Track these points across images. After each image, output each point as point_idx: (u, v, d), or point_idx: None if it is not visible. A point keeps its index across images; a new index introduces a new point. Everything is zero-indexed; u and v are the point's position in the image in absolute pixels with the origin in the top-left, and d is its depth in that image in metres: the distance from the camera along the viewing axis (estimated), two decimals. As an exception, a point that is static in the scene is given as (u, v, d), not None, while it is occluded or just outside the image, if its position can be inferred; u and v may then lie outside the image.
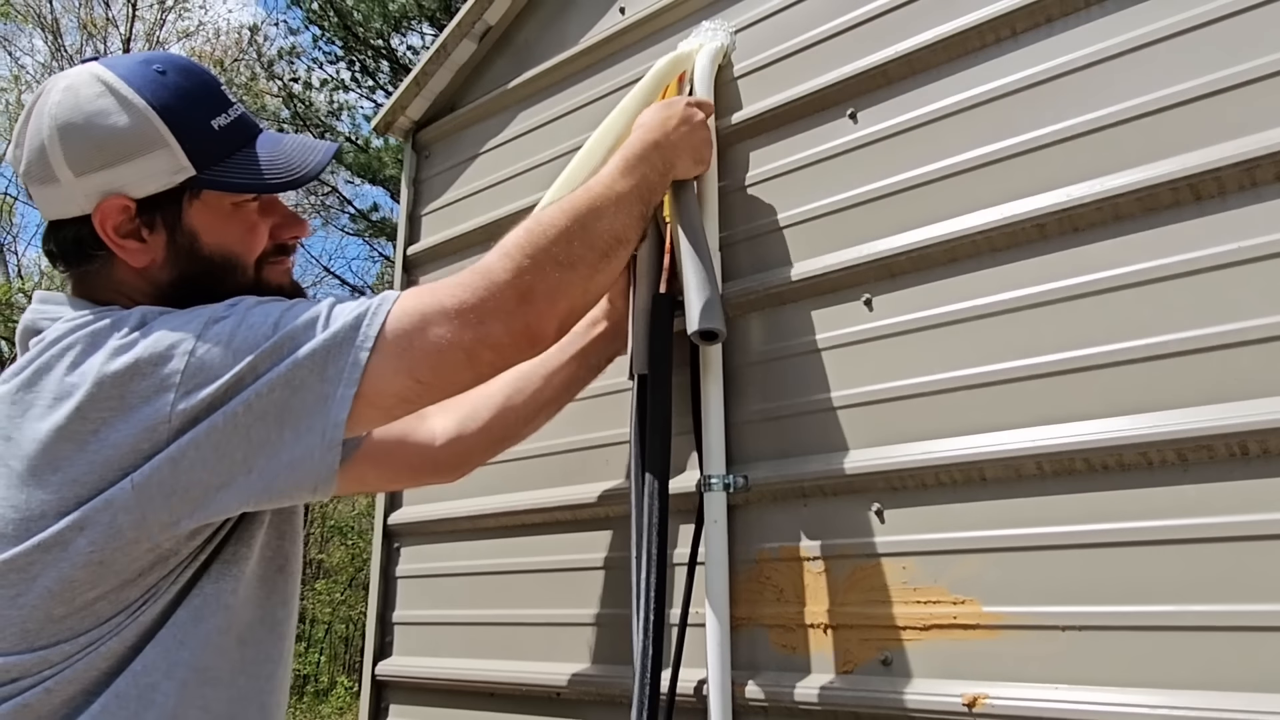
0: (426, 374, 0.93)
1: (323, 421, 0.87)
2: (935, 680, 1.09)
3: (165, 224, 0.97)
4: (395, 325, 0.92)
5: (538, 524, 1.59)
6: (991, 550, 1.09)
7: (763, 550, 1.29)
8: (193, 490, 0.85)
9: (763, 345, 1.35)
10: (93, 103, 0.93)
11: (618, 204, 1.09)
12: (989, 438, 1.10)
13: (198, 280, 0.99)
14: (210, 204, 0.99)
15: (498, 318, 0.95)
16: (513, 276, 0.97)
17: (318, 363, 0.88)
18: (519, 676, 1.54)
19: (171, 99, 0.95)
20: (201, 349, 0.86)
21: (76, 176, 0.93)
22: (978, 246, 1.17)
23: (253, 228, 1.02)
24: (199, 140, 0.96)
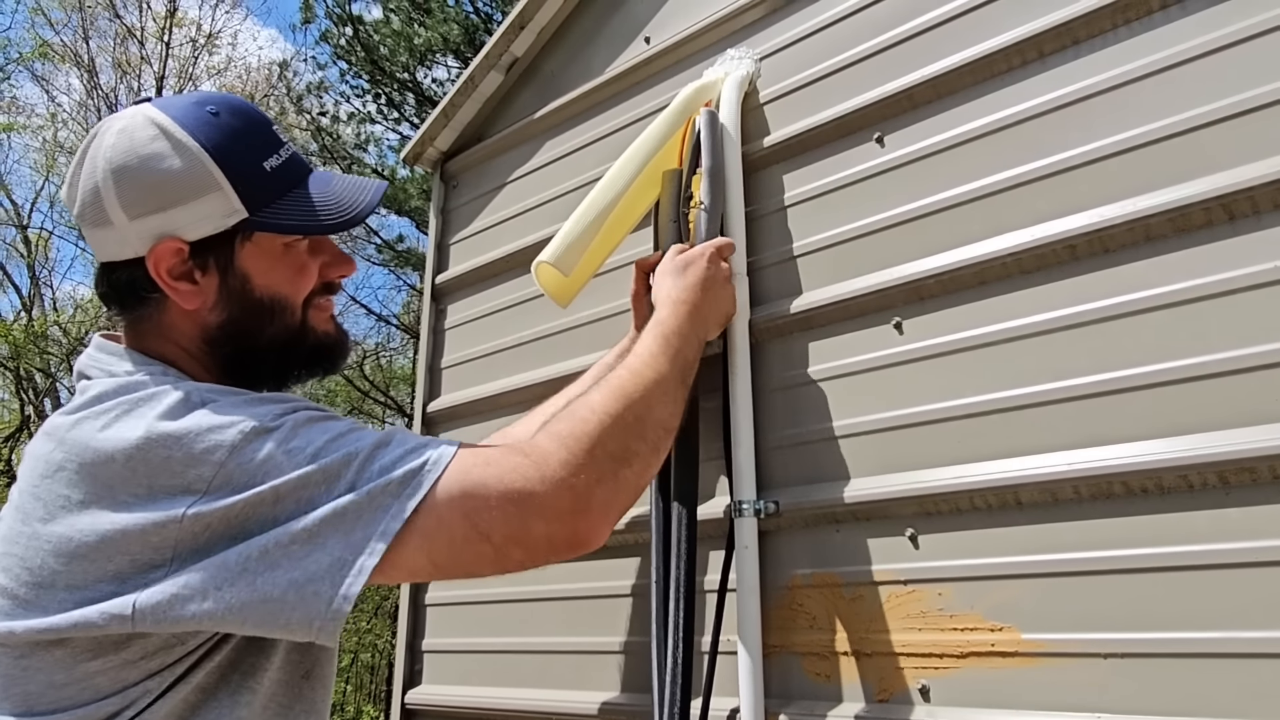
0: (443, 557, 0.87)
1: (331, 590, 0.82)
2: (975, 709, 1.07)
3: (218, 266, 0.97)
4: (434, 500, 0.86)
5: (567, 551, 1.59)
6: (1029, 576, 1.07)
7: (795, 576, 1.28)
8: (182, 620, 0.82)
9: (792, 370, 1.35)
10: (147, 146, 0.93)
11: (666, 391, 1.03)
12: (1024, 461, 1.09)
13: (245, 324, 0.98)
14: (262, 245, 0.98)
15: (546, 517, 0.88)
16: (569, 474, 0.89)
17: (346, 522, 0.84)
18: (548, 705, 1.53)
19: (224, 141, 0.95)
20: (233, 463, 0.84)
21: (130, 220, 0.93)
22: (1008, 269, 1.16)
23: (303, 268, 1.01)
24: (251, 182, 0.95)
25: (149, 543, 0.82)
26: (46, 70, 14.84)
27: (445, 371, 1.96)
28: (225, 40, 19.42)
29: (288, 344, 1.00)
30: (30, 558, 0.85)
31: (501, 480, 0.88)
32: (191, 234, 0.94)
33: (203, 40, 15.50)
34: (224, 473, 0.83)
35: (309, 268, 1.02)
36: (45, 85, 15.34)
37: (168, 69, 15.10)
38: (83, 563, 0.82)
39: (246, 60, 26.44)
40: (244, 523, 0.83)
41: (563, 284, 1.43)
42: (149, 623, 0.81)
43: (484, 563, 0.89)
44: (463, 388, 1.89)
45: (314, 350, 1.04)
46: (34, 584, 0.84)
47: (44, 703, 0.84)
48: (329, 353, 1.05)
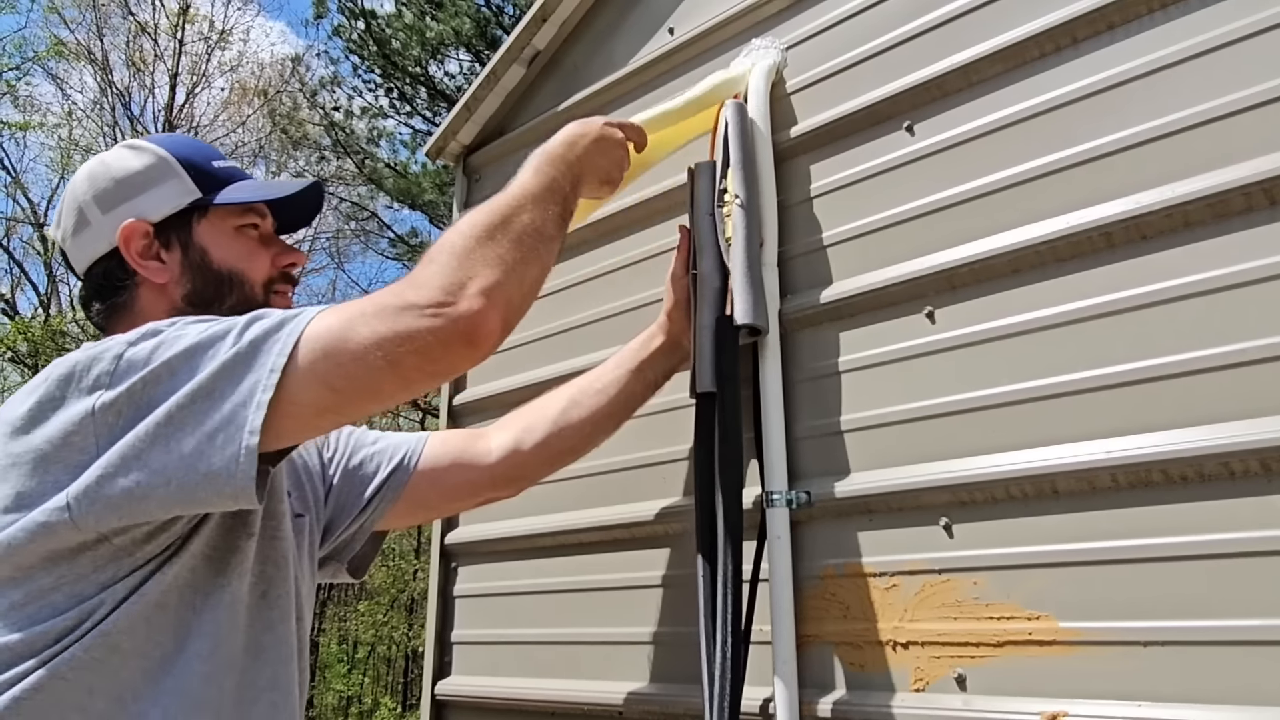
0: (340, 380, 0.90)
1: (238, 431, 0.86)
2: (1012, 698, 1.07)
3: (179, 242, 1.10)
4: (313, 331, 0.91)
5: (595, 542, 1.60)
6: (1066, 565, 1.07)
7: (827, 567, 1.28)
8: (114, 499, 0.86)
9: (823, 360, 1.35)
10: (114, 155, 1.14)
11: (533, 201, 1.08)
12: (1060, 450, 1.09)
13: (207, 294, 1.09)
14: (215, 224, 1.11)
15: (425, 313, 0.90)
16: (440, 270, 0.94)
17: (236, 370, 0.88)
18: (579, 696, 1.54)
19: (176, 145, 1.15)
20: (130, 352, 0.91)
21: (104, 213, 1.09)
22: (1042, 257, 1.16)
23: (255, 251, 1.13)
24: (202, 172, 1.12)
25: (73, 443, 0.88)
26: (61, 68, 14.93)
27: (470, 365, 1.96)
28: (238, 36, 19.47)
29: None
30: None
31: (374, 299, 0.94)
32: (155, 215, 1.09)
33: (215, 37, 15.54)
34: (122, 363, 0.90)
35: (260, 252, 1.14)
36: (60, 83, 15.43)
37: (181, 65, 15.17)
38: (24, 477, 0.88)
39: (259, 56, 26.51)
40: (148, 401, 0.89)
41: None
42: (84, 509, 0.86)
43: (381, 376, 0.90)
44: (488, 380, 1.89)
45: None
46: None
47: (7, 622, 0.88)
48: None
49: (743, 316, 1.30)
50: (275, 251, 1.15)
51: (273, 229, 1.18)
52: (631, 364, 1.42)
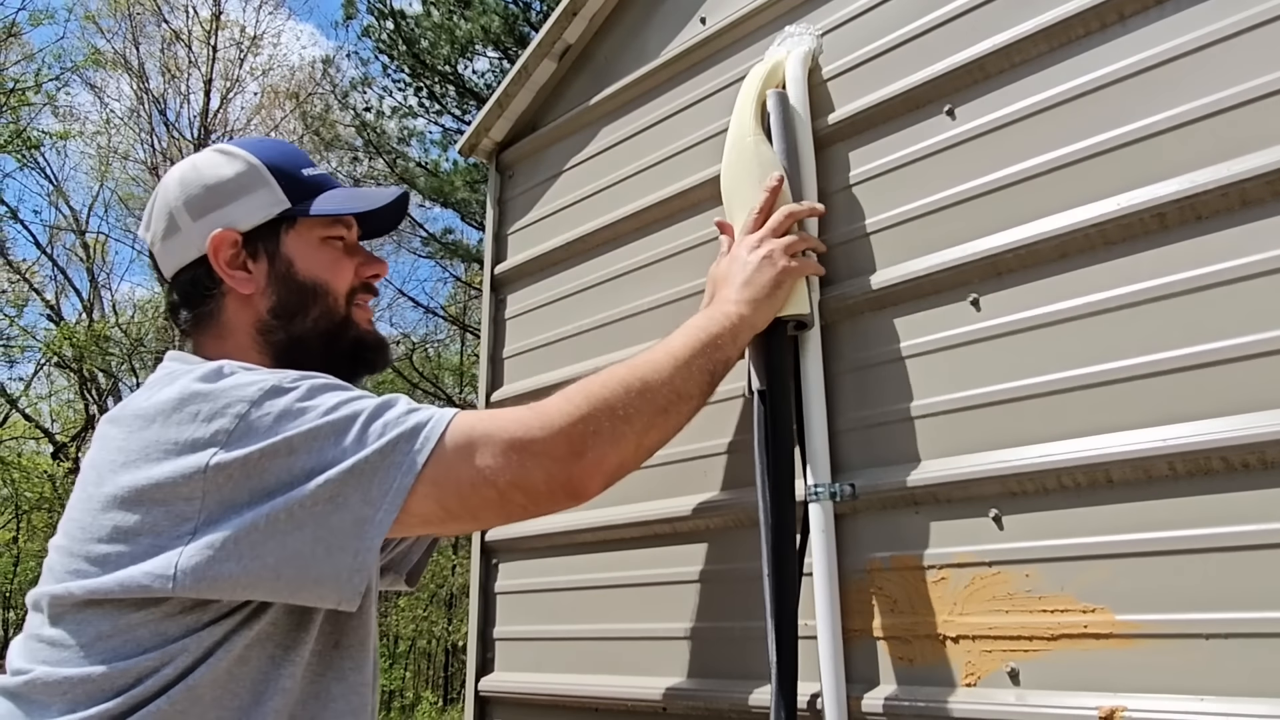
0: (454, 504, 0.93)
1: (356, 544, 0.88)
2: (1067, 693, 1.05)
3: (266, 253, 1.09)
4: (443, 450, 0.92)
5: (637, 538, 1.59)
6: (1122, 556, 1.04)
7: (873, 560, 1.26)
8: (220, 581, 0.86)
9: (865, 350, 1.33)
10: (206, 158, 1.13)
11: (679, 362, 1.08)
12: (1114, 438, 1.06)
13: (292, 305, 1.09)
14: (303, 235, 1.10)
15: (542, 462, 0.94)
16: (567, 422, 0.96)
17: (364, 480, 0.89)
18: (622, 692, 1.53)
19: (267, 152, 1.13)
20: (254, 415, 0.90)
21: (194, 220, 1.08)
22: (1091, 241, 1.13)
23: (339, 261, 1.12)
24: (292, 181, 1.11)
25: (179, 493, 0.88)
26: (98, 78, 15.20)
27: (507, 361, 1.97)
28: (269, 40, 19.71)
29: (331, 331, 1.10)
30: (84, 519, 0.92)
31: (504, 429, 0.95)
32: (244, 224, 1.08)
33: (247, 42, 15.74)
34: (243, 424, 0.89)
35: (344, 262, 1.13)
36: (98, 92, 15.71)
37: (214, 71, 15.38)
38: (123, 515, 0.88)
39: (289, 59, 26.82)
40: (262, 474, 0.88)
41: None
42: (189, 582, 0.86)
43: (490, 507, 0.94)
44: (525, 376, 1.89)
45: (357, 343, 1.14)
46: (85, 540, 0.91)
47: (93, 654, 0.89)
48: (371, 348, 1.15)
49: (790, 308, 1.28)
50: (359, 261, 1.15)
51: (357, 238, 1.19)
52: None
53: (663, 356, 1.07)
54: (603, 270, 1.78)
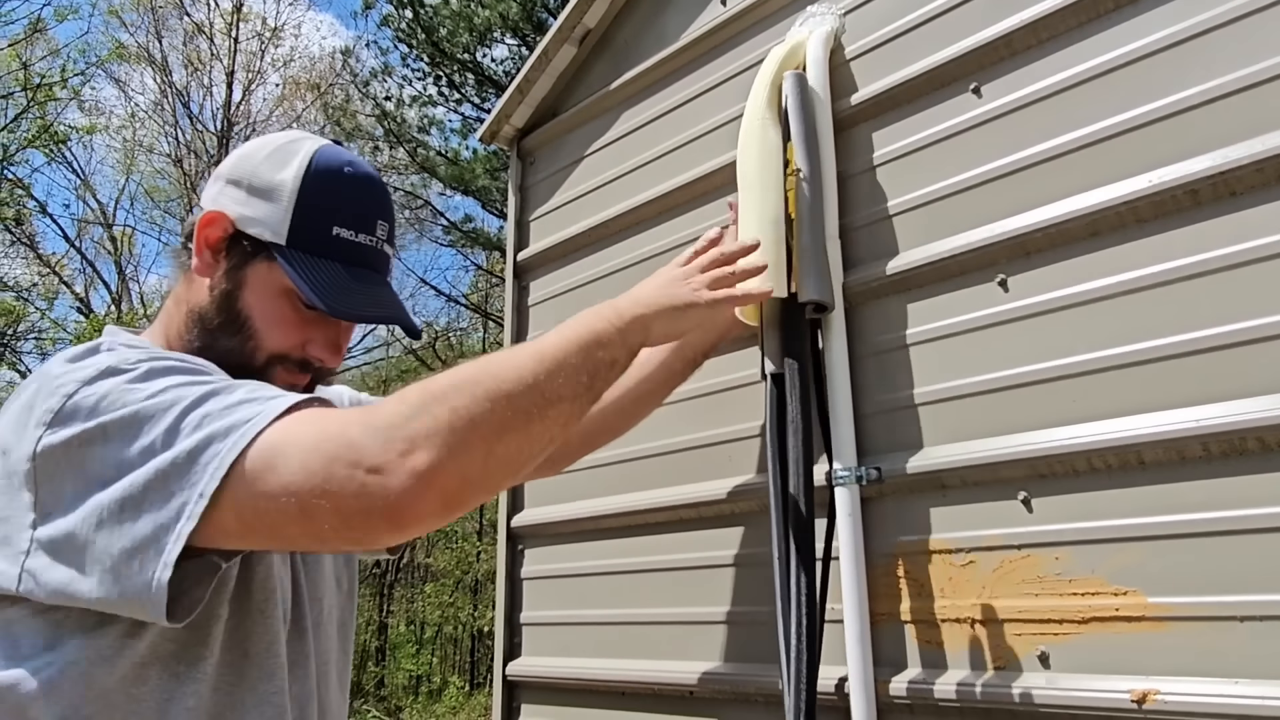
0: (250, 515, 0.78)
1: (156, 557, 0.78)
2: (1099, 676, 1.04)
3: (231, 263, 0.98)
4: (253, 451, 0.78)
5: (661, 523, 1.59)
6: (1154, 538, 1.03)
7: (900, 544, 1.25)
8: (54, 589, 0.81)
9: (890, 333, 1.31)
10: (278, 148, 1.01)
11: (546, 360, 0.91)
12: (1146, 419, 1.04)
13: (215, 321, 0.97)
14: (269, 276, 0.97)
15: (356, 473, 0.76)
16: (394, 424, 0.79)
17: (169, 483, 0.79)
18: (650, 676, 1.53)
19: (322, 186, 0.98)
20: (79, 395, 0.83)
21: (227, 181, 1.01)
22: (1122, 219, 1.11)
23: (284, 321, 0.97)
24: (308, 227, 0.97)
25: (18, 478, 0.83)
26: (122, 71, 15.34)
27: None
28: (290, 31, 19.80)
29: (231, 372, 0.93)
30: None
31: (323, 430, 0.79)
32: (243, 224, 0.98)
33: (268, 33, 15.81)
34: (69, 405, 0.83)
35: (291, 325, 0.97)
36: (122, 86, 15.85)
37: (236, 63, 15.46)
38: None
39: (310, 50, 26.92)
40: (82, 461, 0.81)
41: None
42: (32, 584, 0.81)
43: (291, 522, 0.78)
44: (549, 363, 1.89)
45: None
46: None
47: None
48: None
49: (809, 293, 1.28)
50: (310, 338, 0.99)
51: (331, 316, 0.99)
52: (656, 358, 1.37)
53: (527, 353, 0.90)
54: (625, 255, 1.78)
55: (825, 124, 1.37)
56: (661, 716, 1.52)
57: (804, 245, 1.29)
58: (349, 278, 0.97)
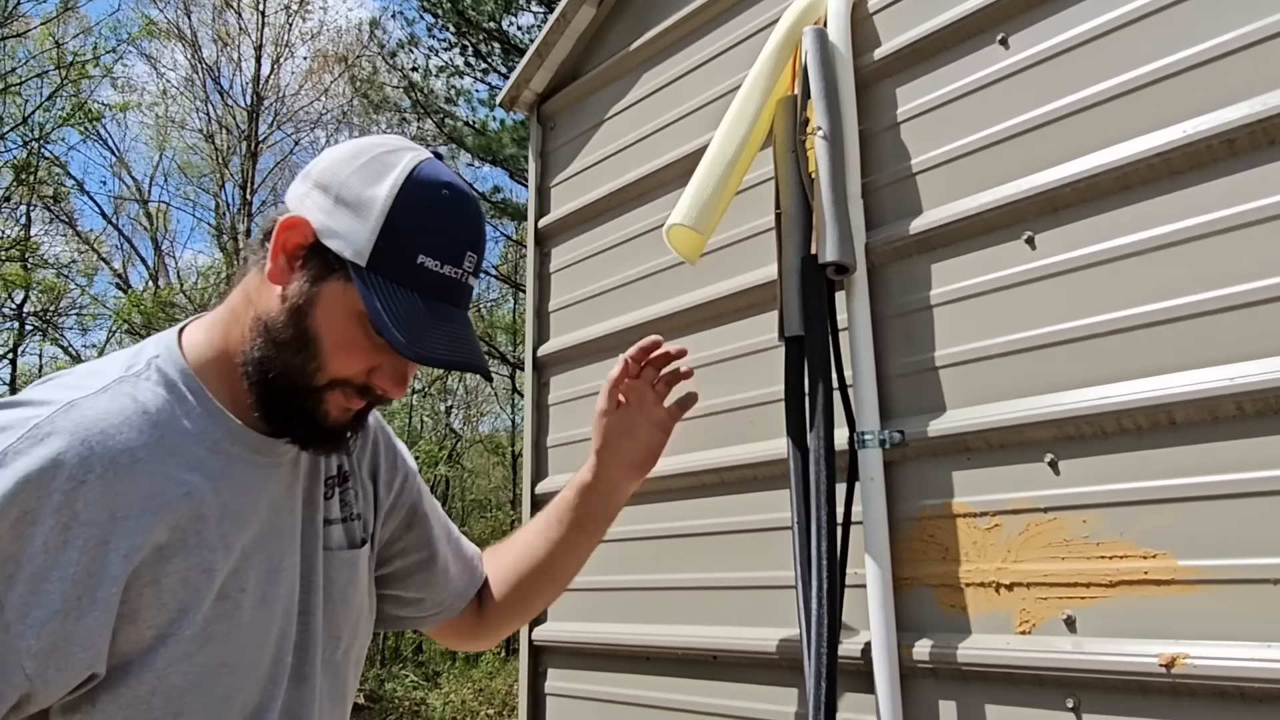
0: None
1: None
2: (1127, 640, 1.02)
3: (308, 273, 0.91)
4: None
5: (684, 489, 1.58)
6: (1185, 500, 1.00)
7: (924, 507, 1.24)
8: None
9: (914, 294, 1.29)
10: (384, 158, 0.92)
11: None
12: (1178, 378, 1.01)
13: (280, 336, 0.91)
14: (344, 299, 0.90)
15: None
16: None
17: None
18: (675, 640, 1.54)
19: (413, 209, 0.91)
20: None
21: (315, 185, 0.92)
22: (1154, 171, 1.07)
23: (354, 347, 0.92)
24: (392, 252, 0.90)
25: None
26: (153, 48, 15.44)
27: (553, 315, 1.96)
28: (317, 4, 19.80)
29: (290, 389, 0.92)
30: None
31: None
32: (324, 236, 0.90)
33: (295, 6, 15.81)
34: None
35: (361, 352, 0.92)
36: (153, 62, 15.97)
37: (264, 37, 15.50)
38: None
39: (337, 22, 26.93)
40: None
41: (695, 241, 1.40)
42: None
43: None
44: (571, 330, 1.89)
45: (305, 418, 0.94)
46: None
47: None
48: (311, 426, 0.94)
49: (829, 254, 1.26)
50: (377, 365, 0.93)
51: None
52: (568, 519, 1.24)
53: None
54: (647, 220, 1.76)
55: (847, 80, 1.33)
56: (685, 680, 1.52)
57: (824, 205, 1.27)
58: (426, 313, 0.89)
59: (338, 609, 1.01)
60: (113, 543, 0.78)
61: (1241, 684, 0.93)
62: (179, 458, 0.86)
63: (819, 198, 1.28)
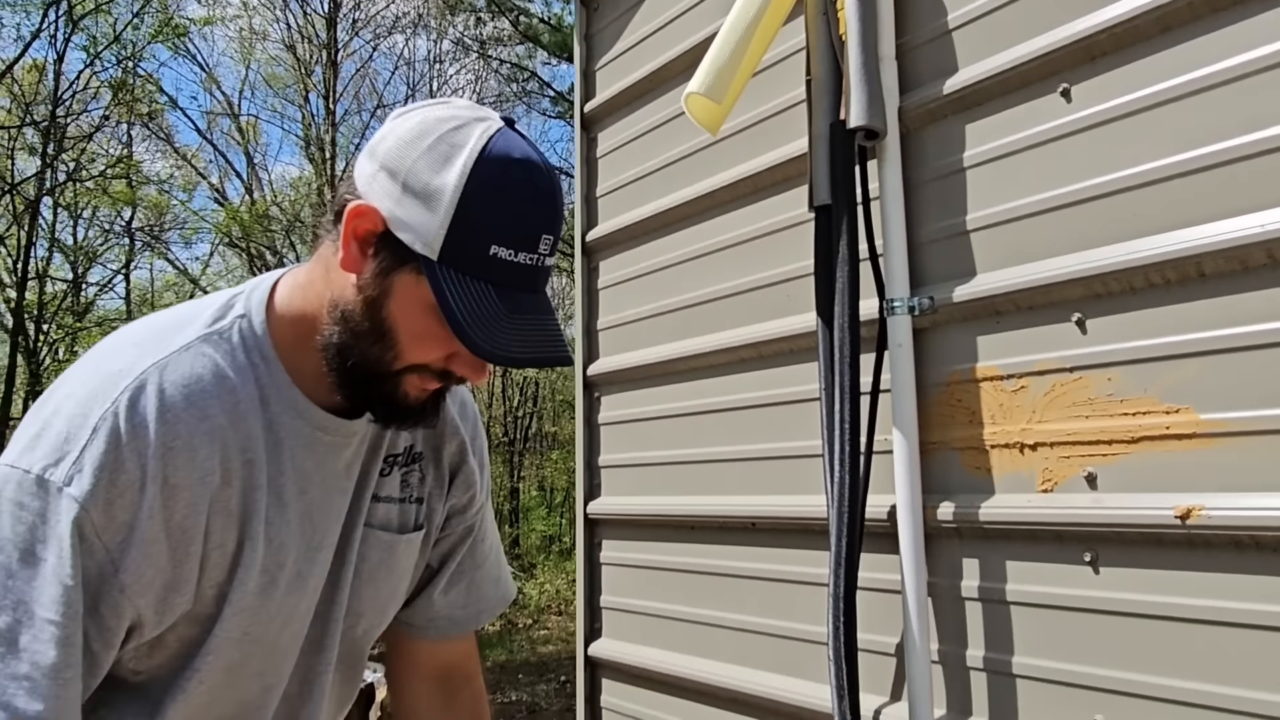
0: None
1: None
2: (1144, 494, 1.02)
3: (382, 265, 0.88)
4: None
5: (725, 364, 1.61)
6: (1211, 353, 0.98)
7: (953, 372, 1.23)
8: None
9: (948, 157, 1.25)
10: (450, 136, 0.87)
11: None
12: (1209, 228, 0.98)
13: (356, 325, 0.90)
14: (415, 290, 0.88)
15: None
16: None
17: None
18: (717, 509, 1.59)
19: (485, 199, 0.86)
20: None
21: (382, 168, 0.88)
22: (1195, 9, 1.00)
23: (431, 337, 0.89)
24: (465, 244, 0.86)
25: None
26: (233, -40, 15.53)
27: (600, 200, 1.98)
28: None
29: (369, 376, 0.91)
30: None
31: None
32: (394, 227, 0.87)
33: (367, -92, 15.60)
34: None
35: (436, 341, 0.90)
36: (234, -25, 16.10)
37: (341, -57, 15.39)
38: None
39: (411, -76, 26.48)
40: None
41: (714, 112, 1.38)
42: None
43: None
44: (618, 214, 1.90)
45: (385, 399, 0.93)
46: None
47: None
48: (391, 407, 0.94)
49: (857, 118, 1.23)
50: (453, 353, 0.91)
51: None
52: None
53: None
54: (698, 244, 1.73)
55: (878, -68, 1.27)
56: (726, 547, 1.58)
57: (853, 68, 1.24)
58: (500, 306, 0.86)
59: (364, 587, 1.01)
60: (199, 505, 0.85)
61: (1257, 533, 0.92)
62: (249, 425, 0.89)
63: (849, 60, 1.25)
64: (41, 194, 10.63)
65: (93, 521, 0.80)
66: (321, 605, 0.98)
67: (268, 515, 0.90)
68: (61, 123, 10.81)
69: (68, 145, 11.14)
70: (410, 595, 1.11)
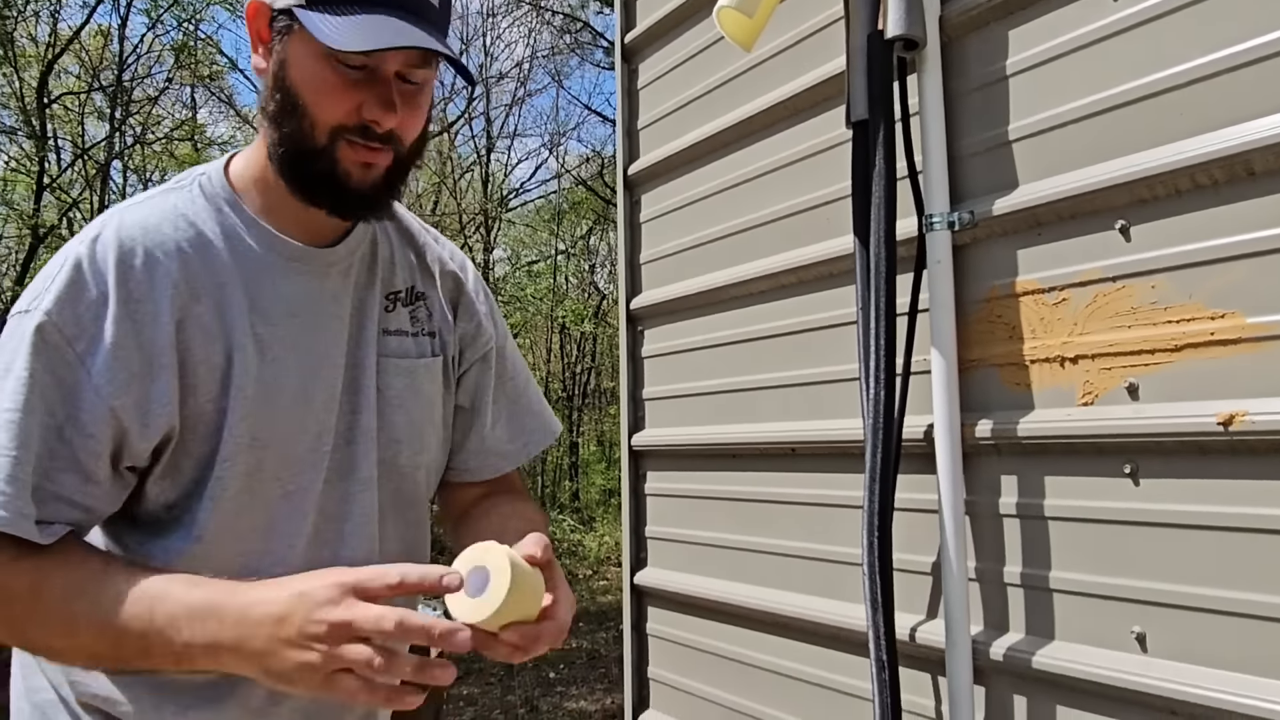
0: None
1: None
2: (1188, 402, 0.99)
3: (275, 44, 0.92)
4: None
5: (765, 290, 1.60)
6: (1259, 254, 0.94)
7: (993, 288, 1.21)
8: None
9: (991, 65, 1.22)
10: None
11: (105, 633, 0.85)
12: (1257, 124, 0.93)
13: (275, 111, 0.93)
14: (304, 46, 0.90)
15: None
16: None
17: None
18: (757, 436, 1.59)
19: None
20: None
21: None
22: (1253, -109, 0.95)
23: (328, 87, 0.90)
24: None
25: None
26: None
27: (642, 133, 1.96)
28: None
29: (297, 155, 0.93)
30: None
31: None
32: (274, 2, 0.92)
33: None
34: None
35: (339, 92, 0.90)
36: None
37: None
38: None
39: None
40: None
41: (747, 26, 1.36)
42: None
43: None
44: (659, 145, 1.89)
45: (325, 177, 0.94)
46: None
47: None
48: (338, 191, 0.94)
49: (895, 28, 1.20)
50: (364, 99, 0.90)
51: (392, 71, 0.91)
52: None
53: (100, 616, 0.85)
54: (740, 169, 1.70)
55: None
56: (767, 474, 1.58)
57: None
58: (374, 23, 0.88)
59: (395, 413, 1.05)
60: (164, 318, 0.90)
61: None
62: (214, 253, 0.95)
63: None
64: (111, 158, 10.93)
65: (59, 330, 0.87)
66: (343, 427, 1.02)
67: (255, 331, 0.95)
68: (127, 87, 11.06)
69: (134, 109, 11.41)
70: (457, 443, 1.17)
